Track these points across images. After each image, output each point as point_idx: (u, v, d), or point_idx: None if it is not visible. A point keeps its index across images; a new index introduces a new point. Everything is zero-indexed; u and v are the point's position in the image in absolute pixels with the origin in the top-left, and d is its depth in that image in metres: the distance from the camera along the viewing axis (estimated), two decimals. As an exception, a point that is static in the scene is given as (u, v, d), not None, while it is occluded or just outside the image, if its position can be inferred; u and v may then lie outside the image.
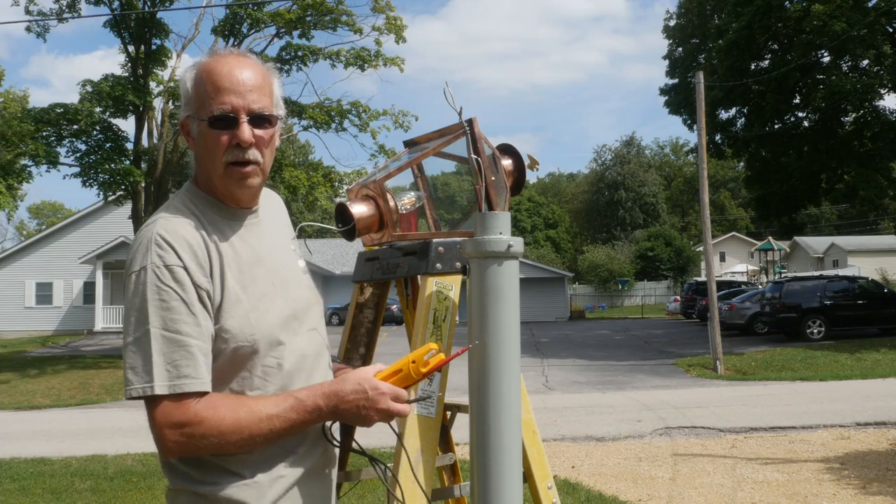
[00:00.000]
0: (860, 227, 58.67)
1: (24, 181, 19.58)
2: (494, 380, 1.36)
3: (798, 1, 22.20)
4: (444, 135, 1.76)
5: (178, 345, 1.30)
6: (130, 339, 1.31)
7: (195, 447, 1.30)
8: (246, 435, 1.31)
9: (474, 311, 1.39)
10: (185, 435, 1.29)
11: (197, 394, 1.30)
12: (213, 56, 1.46)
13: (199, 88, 1.42)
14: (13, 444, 9.57)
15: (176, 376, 1.29)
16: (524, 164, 1.66)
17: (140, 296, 1.32)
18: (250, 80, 1.41)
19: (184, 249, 1.34)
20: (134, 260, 1.35)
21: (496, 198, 1.43)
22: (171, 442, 1.30)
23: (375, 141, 20.55)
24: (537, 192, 75.46)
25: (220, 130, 1.40)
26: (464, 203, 1.73)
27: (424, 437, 1.48)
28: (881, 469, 6.76)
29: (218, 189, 1.45)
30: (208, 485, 1.35)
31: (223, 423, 1.29)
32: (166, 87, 20.03)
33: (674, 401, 11.35)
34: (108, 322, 31.57)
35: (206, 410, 1.29)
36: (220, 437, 1.30)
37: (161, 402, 1.29)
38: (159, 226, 1.37)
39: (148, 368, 1.29)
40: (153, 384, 1.28)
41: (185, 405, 1.29)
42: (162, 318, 1.30)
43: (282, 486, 1.38)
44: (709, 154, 22.97)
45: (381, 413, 1.35)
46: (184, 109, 1.45)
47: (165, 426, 1.29)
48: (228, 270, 1.38)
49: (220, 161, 1.41)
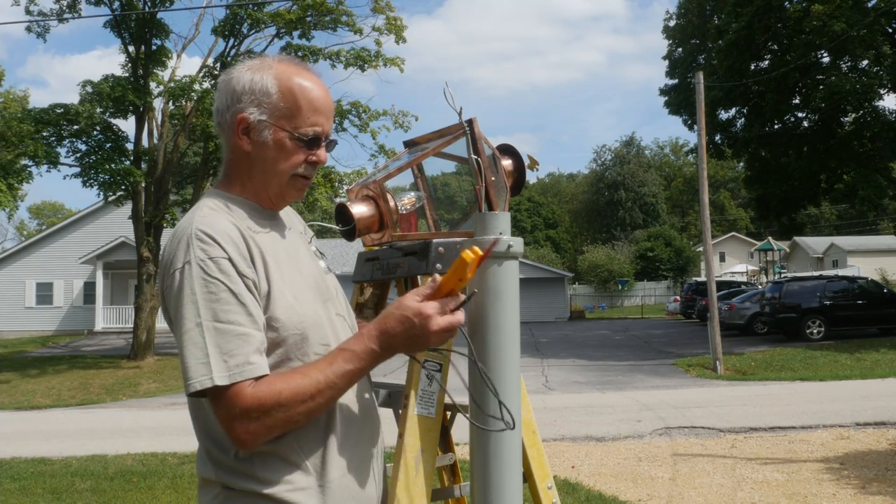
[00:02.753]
0: (860, 227, 58.70)
1: (25, 181, 19.60)
2: (494, 380, 1.37)
3: (798, 1, 22.21)
4: (444, 135, 1.77)
5: (232, 334, 1.29)
6: (184, 336, 1.30)
7: (266, 428, 1.29)
8: (308, 398, 1.30)
9: (474, 311, 1.39)
10: (253, 420, 1.27)
11: (254, 379, 1.29)
12: (296, 65, 1.48)
13: (291, 100, 1.43)
14: (13, 444, 9.58)
15: (234, 365, 1.28)
16: (524, 164, 1.66)
17: (187, 291, 1.31)
18: (333, 105, 1.50)
19: (226, 242, 1.34)
20: (175, 258, 1.34)
21: (496, 198, 1.43)
22: (242, 433, 1.28)
23: (375, 141, 20.58)
24: (537, 192, 75.48)
25: (304, 148, 1.44)
26: (464, 203, 1.74)
27: (424, 437, 1.48)
28: (881, 469, 6.76)
29: (269, 191, 1.47)
30: (256, 480, 1.35)
31: (282, 395, 1.28)
32: (167, 88, 20.03)
33: (673, 401, 11.35)
34: (108, 322, 31.57)
35: (264, 391, 1.28)
36: (285, 408, 1.29)
37: (223, 393, 1.28)
38: (197, 222, 1.36)
39: (205, 361, 1.28)
40: (212, 376, 1.27)
41: (244, 392, 1.28)
42: (213, 310, 1.30)
43: (335, 474, 1.39)
44: (709, 154, 22.99)
45: (437, 333, 1.32)
46: (255, 110, 1.43)
47: (232, 419, 1.28)
48: (270, 262, 1.39)
49: (290, 172, 1.45)
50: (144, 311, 20.26)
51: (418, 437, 1.47)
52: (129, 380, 17.20)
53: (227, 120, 1.46)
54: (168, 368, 18.63)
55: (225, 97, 1.46)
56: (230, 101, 1.45)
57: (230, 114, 1.45)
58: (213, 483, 1.40)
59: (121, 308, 31.63)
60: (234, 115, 1.44)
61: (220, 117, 1.48)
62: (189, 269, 1.32)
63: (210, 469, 1.40)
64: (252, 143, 1.44)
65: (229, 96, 1.46)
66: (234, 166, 1.49)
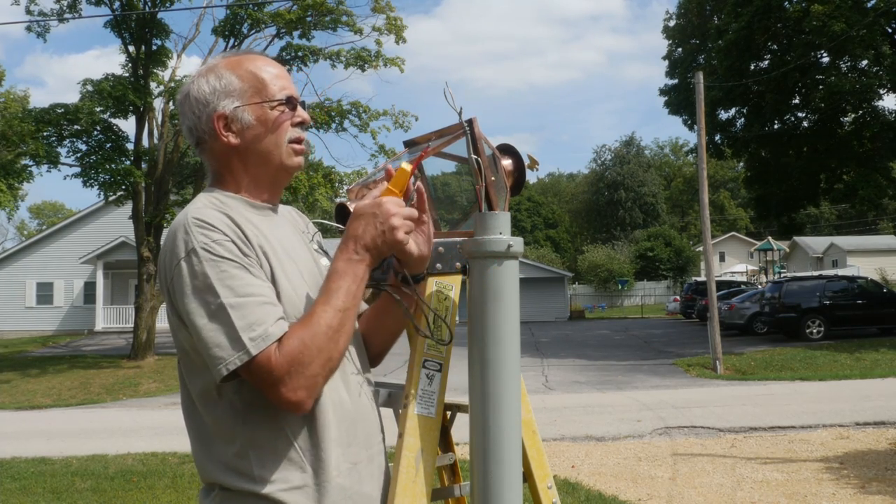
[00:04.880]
0: (859, 227, 58.69)
1: (25, 181, 19.61)
2: (494, 380, 1.37)
3: (797, 1, 22.21)
4: (444, 135, 1.77)
5: (251, 306, 1.30)
6: (204, 322, 1.29)
7: (310, 379, 1.29)
8: (331, 333, 1.31)
9: (474, 311, 1.39)
10: (293, 377, 1.27)
11: (277, 342, 1.29)
12: (240, 53, 1.52)
13: (253, 78, 1.47)
14: (14, 444, 9.58)
15: (259, 335, 1.28)
16: (524, 164, 1.66)
17: (199, 276, 1.31)
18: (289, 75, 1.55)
19: (224, 227, 1.35)
20: (176, 250, 1.34)
21: (496, 198, 1.43)
22: (290, 395, 1.28)
23: (375, 141, 20.58)
24: (537, 192, 75.46)
25: (286, 110, 1.47)
26: (464, 203, 1.74)
27: (424, 437, 1.48)
28: (880, 468, 6.76)
29: (269, 173, 1.49)
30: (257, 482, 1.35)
31: (307, 342, 1.29)
32: (167, 88, 20.04)
33: (673, 400, 11.36)
34: (108, 322, 31.57)
35: (290, 346, 1.29)
36: (318, 352, 1.29)
37: (253, 367, 1.28)
38: (192, 213, 1.37)
39: (233, 336, 1.27)
40: (245, 349, 1.27)
41: (272, 357, 1.28)
42: (228, 287, 1.30)
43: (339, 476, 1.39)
44: (708, 154, 22.99)
45: (397, 216, 1.36)
46: (226, 102, 1.45)
47: (274, 385, 1.28)
48: (268, 250, 1.40)
49: (283, 139, 1.48)
50: (145, 311, 20.26)
51: (418, 437, 1.47)
52: (129, 380, 17.21)
53: (205, 128, 1.47)
54: (168, 368, 18.63)
55: (193, 110, 1.48)
56: (200, 110, 1.47)
57: (205, 119, 1.46)
58: (211, 485, 1.41)
59: (121, 308, 31.64)
60: (210, 118, 1.46)
61: (197, 132, 1.48)
62: (195, 256, 1.31)
63: (207, 471, 1.40)
64: (237, 133, 1.46)
65: (197, 106, 1.47)
66: (224, 168, 1.49)
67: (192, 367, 1.39)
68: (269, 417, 1.36)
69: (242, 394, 1.36)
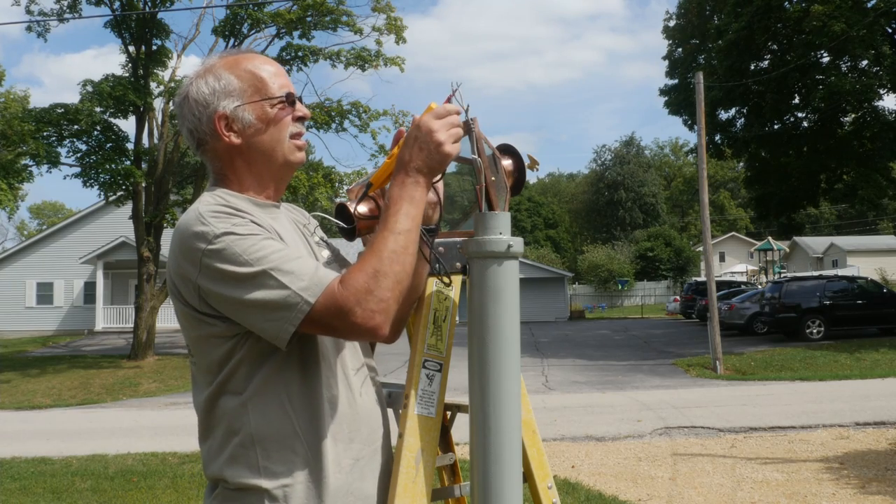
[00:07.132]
0: (859, 227, 58.71)
1: (25, 181, 19.60)
2: (494, 380, 1.37)
3: (797, 1, 22.21)
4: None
5: (291, 262, 1.31)
6: (252, 296, 1.29)
7: (381, 302, 1.28)
8: (395, 255, 1.31)
9: (474, 311, 1.39)
10: (363, 303, 1.27)
11: (342, 280, 1.30)
12: (236, 53, 1.53)
13: (251, 77, 1.47)
14: (14, 444, 9.58)
15: (309, 284, 1.29)
16: (524, 164, 1.66)
17: (231, 258, 1.30)
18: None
19: (239, 212, 1.37)
20: (196, 244, 1.33)
21: (496, 198, 1.43)
22: (365, 320, 1.27)
23: (375, 141, 20.58)
24: (537, 192, 75.47)
25: (286, 106, 1.48)
26: (464, 203, 1.74)
27: (424, 437, 1.48)
28: (880, 469, 6.77)
29: (272, 169, 1.49)
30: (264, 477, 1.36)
31: (368, 270, 1.29)
32: (167, 88, 20.05)
33: (673, 401, 11.36)
34: (108, 322, 31.58)
35: (352, 275, 1.29)
36: (384, 275, 1.29)
37: (321, 309, 1.28)
38: (202, 208, 1.38)
39: (285, 294, 1.28)
40: (303, 299, 1.27)
41: (336, 291, 1.28)
42: (263, 256, 1.30)
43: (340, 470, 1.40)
44: (708, 154, 22.99)
45: (441, 131, 1.36)
46: (226, 102, 1.45)
47: (348, 316, 1.27)
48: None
49: (286, 134, 1.49)
50: (145, 311, 20.26)
51: (418, 437, 1.47)
52: (129, 379, 17.21)
53: (206, 129, 1.47)
54: (168, 368, 18.64)
55: (193, 112, 1.47)
56: (200, 112, 1.46)
57: (206, 120, 1.46)
58: (214, 481, 1.42)
59: (121, 308, 31.65)
60: (211, 118, 1.45)
61: (198, 133, 1.48)
62: (223, 239, 1.32)
63: (212, 466, 1.41)
64: (239, 132, 1.46)
65: (197, 108, 1.47)
66: (228, 168, 1.49)
67: (205, 358, 1.40)
68: (278, 409, 1.37)
69: (254, 383, 1.37)
